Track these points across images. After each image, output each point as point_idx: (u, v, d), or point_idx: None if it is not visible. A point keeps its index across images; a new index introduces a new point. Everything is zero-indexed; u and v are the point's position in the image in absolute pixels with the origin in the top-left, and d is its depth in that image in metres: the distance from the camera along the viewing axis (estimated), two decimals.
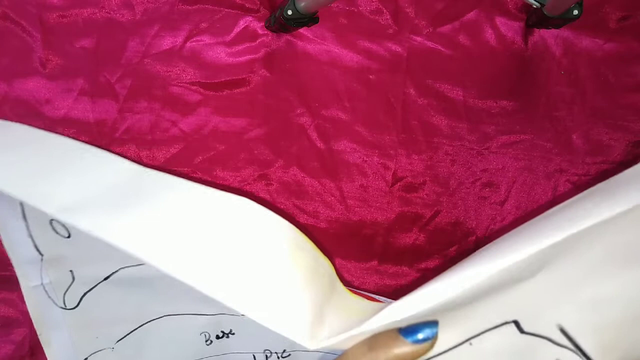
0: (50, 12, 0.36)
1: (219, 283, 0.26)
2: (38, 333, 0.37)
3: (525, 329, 0.23)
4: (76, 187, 0.29)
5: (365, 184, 0.39)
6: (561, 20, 0.36)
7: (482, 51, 0.39)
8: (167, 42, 0.37)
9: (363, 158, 0.39)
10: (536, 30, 0.39)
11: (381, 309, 0.26)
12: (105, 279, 0.35)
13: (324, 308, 0.27)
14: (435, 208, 0.39)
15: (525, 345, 0.23)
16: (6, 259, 0.38)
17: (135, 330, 0.38)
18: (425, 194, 0.39)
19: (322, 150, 0.38)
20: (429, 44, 0.39)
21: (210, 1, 0.37)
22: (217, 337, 0.38)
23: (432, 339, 0.23)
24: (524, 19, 0.39)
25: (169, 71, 0.37)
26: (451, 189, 0.39)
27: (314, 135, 0.38)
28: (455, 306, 0.23)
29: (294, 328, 0.25)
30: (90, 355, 0.39)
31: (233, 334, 0.38)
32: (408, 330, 0.24)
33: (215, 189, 0.28)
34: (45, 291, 0.36)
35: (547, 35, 0.39)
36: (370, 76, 0.39)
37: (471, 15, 0.39)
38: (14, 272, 0.38)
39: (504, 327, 0.24)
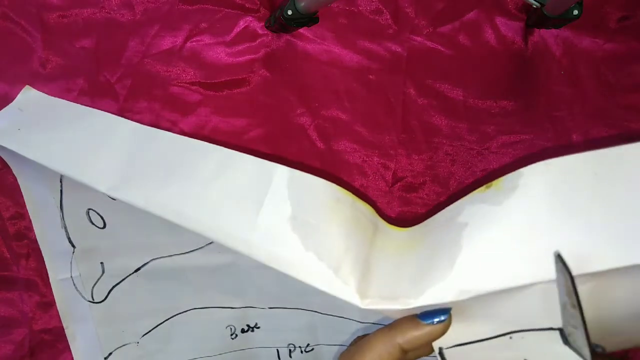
0: (50, 12, 0.36)
1: (268, 248, 0.26)
2: (64, 327, 0.37)
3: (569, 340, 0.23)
4: (124, 162, 0.29)
5: (365, 184, 0.39)
6: (561, 20, 0.36)
7: (482, 51, 0.39)
8: (167, 42, 0.37)
9: (363, 158, 0.39)
10: (536, 30, 0.39)
11: (424, 233, 0.26)
12: (136, 270, 0.35)
13: (370, 259, 0.27)
14: (435, 208, 0.39)
15: (564, 355, 0.23)
16: (6, 259, 0.38)
17: (161, 325, 0.38)
18: (425, 194, 0.39)
19: (322, 150, 0.38)
20: (429, 44, 0.39)
21: (210, 1, 0.37)
22: (243, 330, 0.38)
23: (446, 321, 0.25)
24: (524, 19, 0.39)
25: (169, 71, 0.37)
26: (451, 189, 0.39)
27: (314, 135, 0.38)
28: (509, 297, 0.23)
29: (343, 288, 0.25)
30: (115, 350, 0.38)
31: (258, 327, 0.37)
32: (425, 315, 0.25)
33: (253, 156, 0.28)
34: (74, 284, 0.37)
35: (547, 35, 0.39)
36: (370, 76, 0.39)
37: (471, 15, 0.39)
38: (14, 272, 0.38)
39: (550, 332, 0.24)
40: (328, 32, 0.38)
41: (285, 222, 0.26)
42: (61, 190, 0.33)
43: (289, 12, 0.34)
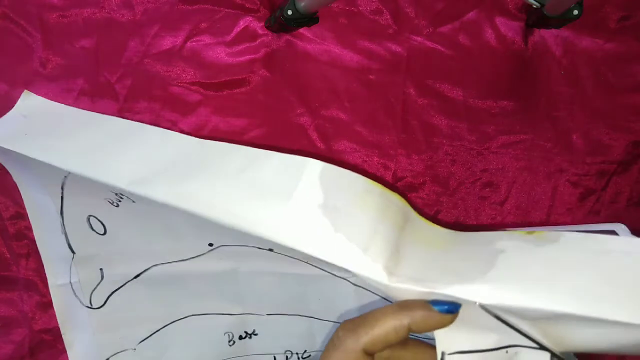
0: (50, 12, 0.36)
1: (298, 233, 0.26)
2: (62, 333, 0.37)
3: None
4: (142, 162, 0.29)
5: None
6: (561, 20, 0.36)
7: (482, 51, 0.39)
8: (167, 42, 0.37)
9: (363, 158, 0.39)
10: (536, 30, 0.39)
11: (457, 241, 0.27)
12: (136, 277, 0.35)
13: (399, 243, 0.27)
14: (435, 208, 0.39)
15: None
16: (6, 259, 0.38)
17: (159, 331, 0.38)
18: (425, 194, 0.39)
19: (322, 150, 0.38)
20: (429, 44, 0.39)
21: (210, 1, 0.37)
22: (240, 337, 0.38)
23: (455, 313, 0.25)
24: (524, 19, 0.39)
25: (169, 71, 0.37)
26: (451, 189, 0.39)
27: (314, 135, 0.38)
28: (518, 316, 0.24)
29: (372, 266, 0.25)
30: (112, 356, 0.38)
31: (256, 334, 0.37)
32: (437, 303, 0.25)
33: (272, 151, 0.28)
34: (73, 290, 0.36)
35: (547, 35, 0.39)
36: (370, 76, 0.39)
37: (471, 15, 0.39)
38: (14, 272, 0.38)
39: (541, 352, 0.24)
40: (328, 32, 0.38)
41: (316, 208, 0.26)
42: (62, 197, 0.33)
43: (289, 12, 0.34)
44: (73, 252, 0.35)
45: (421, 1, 0.39)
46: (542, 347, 0.24)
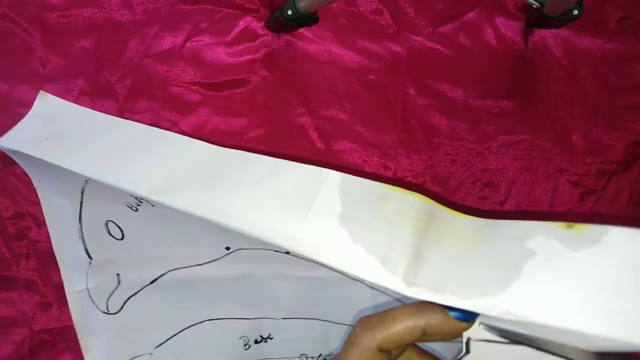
0: (50, 12, 0.36)
1: (316, 243, 0.26)
2: (79, 338, 0.37)
3: None
4: (163, 169, 0.29)
5: None
6: (561, 20, 0.36)
7: (482, 51, 0.39)
8: (167, 42, 0.37)
9: (363, 158, 0.39)
10: (536, 30, 0.39)
11: (487, 234, 0.26)
12: (152, 282, 0.35)
13: (420, 248, 0.27)
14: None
15: None
16: (6, 259, 0.38)
17: (175, 336, 0.38)
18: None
19: (322, 150, 0.38)
20: (429, 44, 0.39)
21: (210, 1, 0.37)
22: (256, 341, 0.38)
23: (472, 322, 0.25)
24: (524, 19, 0.39)
25: (169, 71, 0.37)
26: (451, 189, 0.39)
27: (314, 135, 0.38)
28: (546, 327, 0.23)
29: (390, 277, 0.25)
30: None
31: (271, 338, 0.37)
32: (454, 310, 0.25)
33: (293, 162, 0.29)
34: (90, 296, 0.36)
35: (547, 35, 0.39)
36: (370, 76, 0.39)
37: (471, 15, 0.39)
38: (14, 272, 0.38)
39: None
40: (328, 32, 0.38)
41: (334, 219, 0.27)
42: (81, 202, 0.33)
43: (289, 12, 0.34)
44: (90, 257, 0.35)
45: (421, 1, 0.39)
46: (569, 358, 0.24)
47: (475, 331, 0.26)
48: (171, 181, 0.29)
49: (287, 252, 0.29)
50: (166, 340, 0.38)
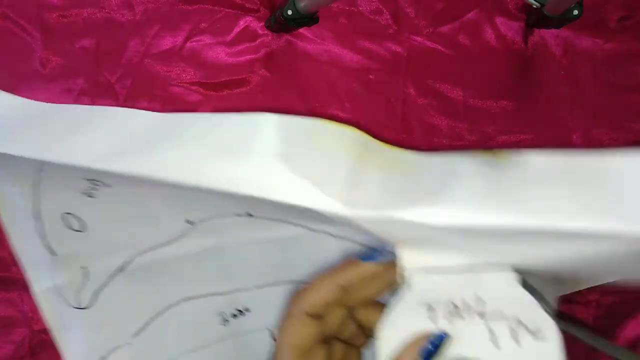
0: (50, 12, 0.36)
1: (258, 182, 0.27)
2: (54, 337, 0.37)
3: (519, 281, 0.26)
4: (105, 140, 0.30)
5: None
6: (561, 20, 0.36)
7: (482, 51, 0.39)
8: (167, 42, 0.37)
9: None
10: (536, 30, 0.39)
11: (418, 160, 0.28)
12: (120, 270, 0.35)
13: (356, 173, 0.28)
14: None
15: (517, 297, 0.25)
16: (6, 259, 0.38)
17: (152, 321, 0.38)
18: None
19: None
20: (429, 44, 0.39)
21: (210, 1, 0.37)
22: (233, 315, 0.38)
23: (378, 260, 0.27)
24: (524, 19, 0.39)
25: (169, 71, 0.37)
26: None
27: None
28: (480, 235, 0.25)
29: (328, 201, 0.26)
30: (109, 354, 0.38)
31: (249, 310, 0.38)
32: (365, 255, 0.28)
33: (231, 113, 0.30)
34: (58, 292, 0.36)
35: (547, 35, 0.39)
36: (370, 76, 0.39)
37: (471, 15, 0.39)
38: (13, 272, 0.38)
39: (507, 274, 0.26)
40: (328, 32, 0.38)
41: (273, 157, 0.28)
42: (36, 196, 0.33)
43: (289, 12, 0.34)
44: (53, 253, 0.35)
45: (421, 1, 0.39)
46: (507, 270, 0.25)
47: (412, 260, 0.27)
48: (114, 149, 0.29)
49: (249, 214, 0.30)
50: (144, 327, 0.38)
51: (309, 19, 0.35)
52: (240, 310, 0.38)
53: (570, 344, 0.25)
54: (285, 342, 0.29)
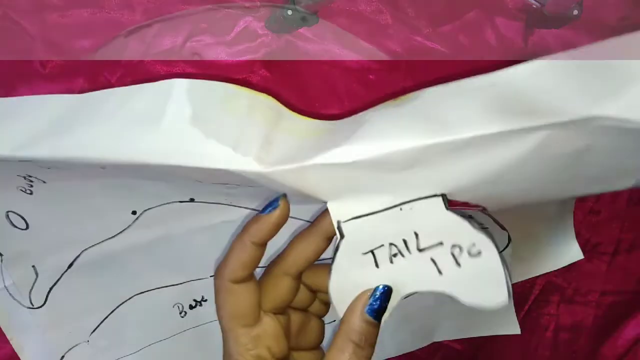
0: (50, 12, 0.36)
1: (172, 149, 0.27)
2: (9, 339, 0.36)
3: (450, 206, 0.26)
4: (23, 129, 0.29)
5: None
6: (561, 20, 0.36)
7: (482, 51, 0.39)
8: (167, 42, 0.37)
9: None
10: (536, 30, 0.39)
11: (332, 126, 0.29)
12: (69, 266, 0.35)
13: (271, 135, 0.28)
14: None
15: (448, 220, 0.26)
16: None
17: (108, 318, 0.37)
18: None
19: None
20: (429, 44, 0.39)
21: (210, 1, 0.37)
22: (191, 306, 0.38)
23: (280, 207, 0.28)
24: (524, 19, 0.39)
25: (169, 71, 0.37)
26: None
27: None
28: (395, 167, 0.25)
29: (242, 160, 0.26)
30: (66, 352, 0.38)
31: (205, 300, 0.37)
32: (263, 209, 0.28)
33: (144, 84, 0.29)
34: (9, 294, 0.36)
35: (547, 35, 0.39)
36: (370, 76, 0.39)
37: (471, 15, 0.39)
38: None
39: (433, 199, 0.26)
40: (328, 32, 0.38)
41: (186, 122, 0.27)
42: None
43: (289, 12, 0.34)
44: (0, 254, 0.34)
45: (421, 1, 0.39)
46: (433, 195, 0.26)
47: (343, 212, 0.27)
48: (31, 136, 0.28)
49: (192, 199, 0.30)
50: (100, 324, 0.37)
51: (309, 19, 0.35)
52: (197, 301, 0.37)
53: (573, 343, 0.25)
54: (224, 316, 0.29)
